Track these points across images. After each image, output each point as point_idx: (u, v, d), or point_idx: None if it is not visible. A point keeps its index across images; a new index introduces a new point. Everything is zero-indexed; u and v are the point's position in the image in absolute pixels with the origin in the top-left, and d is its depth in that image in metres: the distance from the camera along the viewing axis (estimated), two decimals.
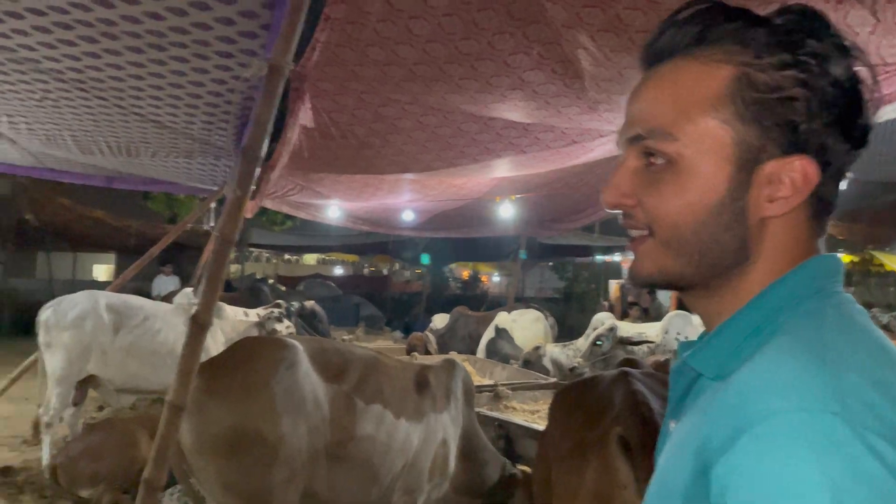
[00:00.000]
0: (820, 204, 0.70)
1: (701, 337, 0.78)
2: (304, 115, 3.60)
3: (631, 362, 2.64)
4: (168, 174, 6.06)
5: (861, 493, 0.51)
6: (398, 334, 10.06)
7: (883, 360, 0.62)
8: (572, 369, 5.34)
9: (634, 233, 0.75)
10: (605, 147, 4.74)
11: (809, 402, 0.56)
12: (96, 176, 6.51)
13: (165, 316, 5.38)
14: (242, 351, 2.84)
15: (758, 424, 0.56)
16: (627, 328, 5.48)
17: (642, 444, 1.73)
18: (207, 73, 3.27)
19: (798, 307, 0.67)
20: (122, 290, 6.09)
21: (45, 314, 5.03)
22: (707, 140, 0.69)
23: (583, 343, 5.51)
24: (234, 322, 5.77)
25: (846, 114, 0.68)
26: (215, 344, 5.22)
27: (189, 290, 6.01)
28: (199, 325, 1.98)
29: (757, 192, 0.69)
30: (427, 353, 6.63)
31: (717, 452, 0.58)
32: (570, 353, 5.60)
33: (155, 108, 3.81)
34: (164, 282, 11.26)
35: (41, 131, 4.57)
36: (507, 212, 7.72)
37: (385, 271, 28.07)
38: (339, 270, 30.53)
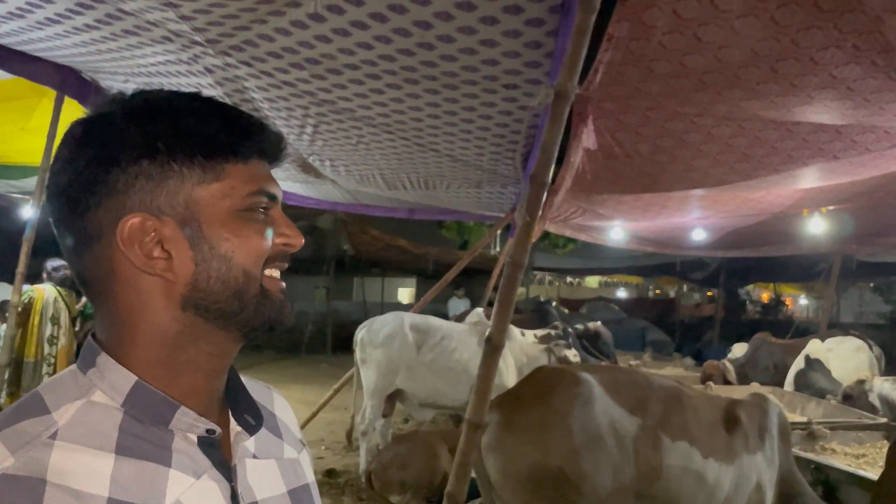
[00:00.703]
0: None
1: None
2: (587, 138, 3.59)
3: None
4: (460, 203, 6.51)
5: None
6: (689, 361, 9.47)
7: None
8: None
9: None
10: None
11: None
12: (399, 209, 7.26)
13: (460, 336, 5.73)
14: (538, 385, 2.87)
15: None
16: None
17: None
18: (495, 106, 3.44)
19: None
20: (422, 311, 6.64)
21: (361, 333, 5.68)
22: None
23: None
24: (521, 343, 5.93)
25: None
26: (504, 364, 5.41)
27: (480, 310, 6.34)
28: (493, 346, 2.05)
29: None
30: (726, 382, 6.10)
31: None
32: None
33: (449, 144, 4.11)
34: (457, 304, 12.07)
35: (356, 172, 5.21)
36: (817, 226, 6.83)
37: (672, 294, 26.79)
38: (621, 293, 29.93)
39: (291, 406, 0.97)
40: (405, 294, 23.21)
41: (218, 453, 0.74)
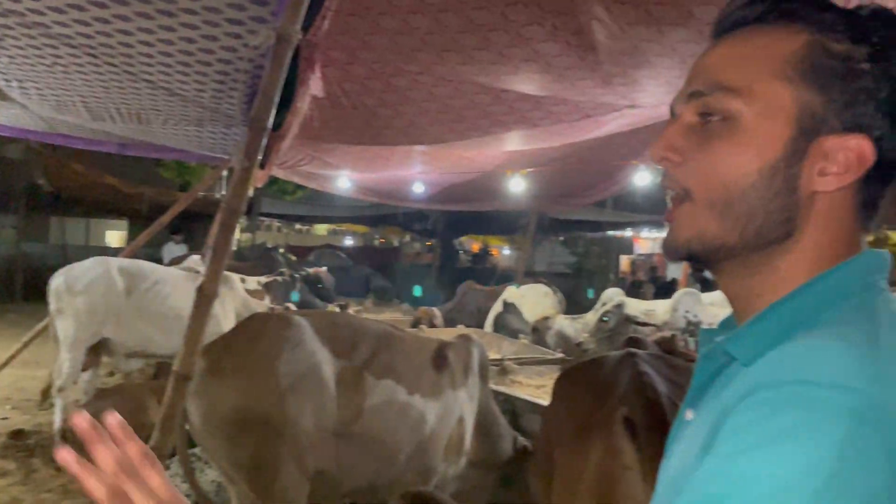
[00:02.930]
0: (869, 192, 0.68)
1: (726, 321, 0.76)
2: (315, 85, 3.56)
3: (636, 341, 2.62)
4: (179, 142, 6.04)
5: (840, 479, 0.50)
6: (407, 307, 10.10)
7: None
8: (578, 344, 5.34)
9: (670, 195, 0.73)
10: (619, 121, 4.67)
11: (838, 378, 0.54)
12: (108, 142, 6.49)
13: (176, 281, 5.41)
14: (248, 330, 2.84)
15: (767, 388, 0.56)
16: (636, 305, 5.46)
17: (648, 426, 1.71)
18: (217, 41, 3.23)
19: (847, 301, 0.65)
20: (134, 257, 6.12)
21: (56, 282, 5.07)
22: (771, 100, 0.67)
23: (591, 318, 5.50)
24: (243, 293, 5.79)
25: None
26: (224, 313, 5.25)
27: (197, 257, 6.04)
28: (205, 296, 1.98)
29: (811, 162, 0.66)
30: (433, 326, 6.64)
31: (726, 415, 0.58)
32: (578, 327, 5.59)
33: (165, 76, 3.78)
34: (174, 249, 11.31)
35: (52, 98, 4.55)
36: (517, 186, 7.67)
37: (395, 243, 28.09)
38: (349, 241, 30.59)
39: None
40: (114, 237, 21.09)
41: None
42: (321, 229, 34.26)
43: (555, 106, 4.27)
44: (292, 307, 5.67)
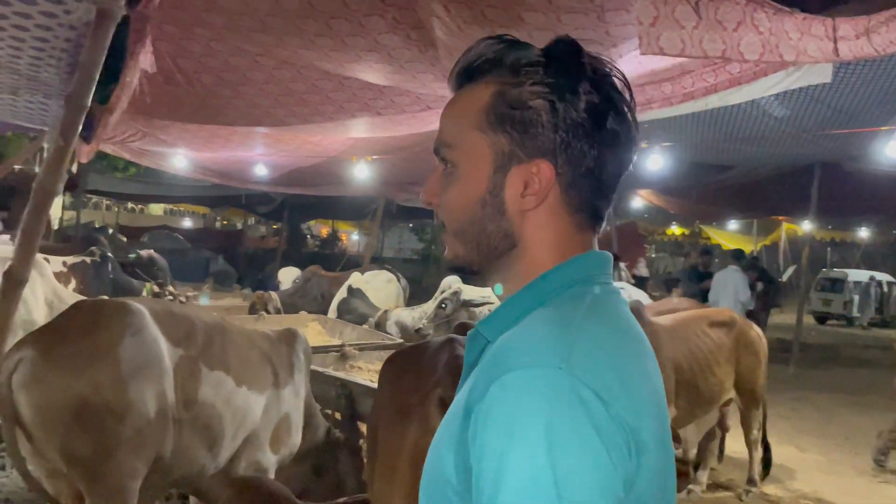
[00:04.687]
0: (572, 200, 0.84)
1: None
2: (145, 59, 3.39)
3: (466, 327, 2.77)
4: None
5: (565, 429, 0.67)
6: (248, 292, 9.81)
7: (617, 338, 0.79)
8: (417, 330, 5.50)
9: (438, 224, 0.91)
10: None
11: (543, 359, 0.71)
12: None
13: None
14: (84, 316, 2.68)
15: (503, 375, 0.71)
16: (473, 292, 5.69)
17: None
18: (36, 5, 2.98)
19: (565, 291, 0.82)
20: None
21: None
22: (473, 148, 0.85)
23: (430, 306, 5.68)
24: (53, 283, 5.29)
25: (590, 123, 0.81)
26: (35, 300, 4.84)
27: (6, 237, 5.49)
28: (14, 281, 1.85)
29: (512, 189, 0.83)
30: (273, 312, 6.52)
31: (476, 401, 0.73)
32: (416, 316, 5.75)
33: None
34: None
35: None
36: (362, 172, 7.71)
37: (239, 226, 27.04)
38: (188, 223, 29.04)
39: None
40: None
41: None
42: (157, 209, 32.20)
43: (397, 96, 4.36)
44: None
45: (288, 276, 9.41)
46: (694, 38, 2.91)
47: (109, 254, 6.51)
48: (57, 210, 14.41)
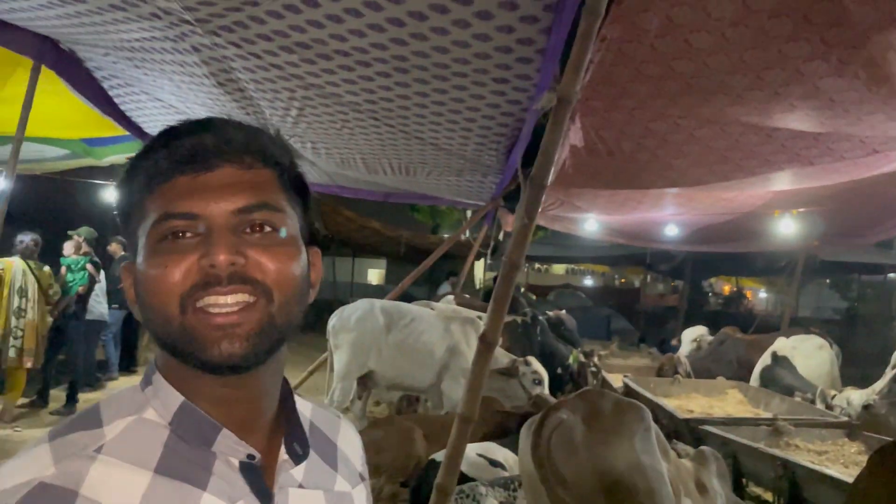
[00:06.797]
0: None
1: None
2: (574, 135, 3.62)
3: None
4: (438, 190, 6.51)
5: None
6: (655, 351, 9.64)
7: None
8: (866, 406, 4.67)
9: None
10: None
11: None
12: (376, 192, 7.22)
13: (429, 319, 5.78)
14: (607, 400, 2.67)
15: None
16: None
17: None
18: (483, 99, 3.44)
19: None
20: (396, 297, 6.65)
21: (333, 321, 5.70)
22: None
23: (881, 383, 4.76)
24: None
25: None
26: (471, 352, 5.46)
27: (451, 296, 6.36)
28: (486, 344, 2.06)
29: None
30: (682, 374, 6.17)
31: None
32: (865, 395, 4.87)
33: (434, 133, 4.10)
34: (446, 289, 12.00)
35: (337, 155, 5.18)
36: (787, 227, 6.98)
37: (636, 283, 27.17)
38: (588, 281, 30.27)
39: None
40: (375, 275, 23.16)
41: (258, 480, 0.72)
42: (559, 268, 34.40)
43: (836, 143, 3.87)
44: (532, 359, 5.63)
45: (689, 335, 8.98)
46: None
47: (540, 316, 7.02)
48: (479, 271, 16.35)
